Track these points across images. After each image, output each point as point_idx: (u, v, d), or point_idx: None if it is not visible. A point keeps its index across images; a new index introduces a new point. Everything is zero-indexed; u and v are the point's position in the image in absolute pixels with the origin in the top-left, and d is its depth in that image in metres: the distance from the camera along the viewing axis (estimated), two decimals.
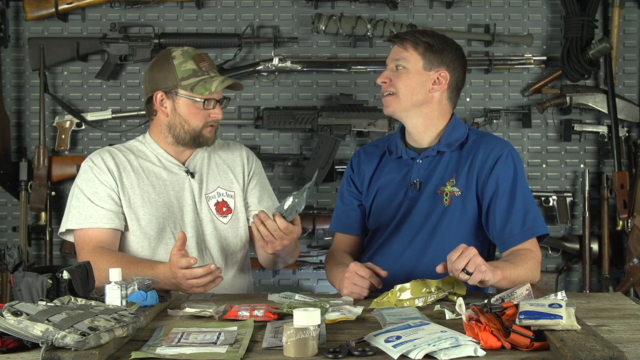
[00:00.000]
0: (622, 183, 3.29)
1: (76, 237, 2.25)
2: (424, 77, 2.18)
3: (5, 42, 3.37)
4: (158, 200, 2.26)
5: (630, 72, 3.46)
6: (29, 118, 3.44)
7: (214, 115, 2.27)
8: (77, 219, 2.22)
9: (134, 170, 2.28)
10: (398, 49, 2.22)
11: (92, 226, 2.20)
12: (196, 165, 2.35)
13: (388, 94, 2.22)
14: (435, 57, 2.18)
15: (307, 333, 1.41)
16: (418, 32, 2.24)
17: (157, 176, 2.29)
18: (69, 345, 1.35)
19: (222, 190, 2.35)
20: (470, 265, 1.80)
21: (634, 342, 1.51)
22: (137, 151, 2.34)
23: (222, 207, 2.33)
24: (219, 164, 2.39)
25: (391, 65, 2.22)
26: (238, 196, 2.37)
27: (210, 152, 2.39)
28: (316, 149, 3.33)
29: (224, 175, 2.37)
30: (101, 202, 2.22)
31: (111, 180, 2.24)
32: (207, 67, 2.27)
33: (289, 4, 3.42)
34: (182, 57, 2.25)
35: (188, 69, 2.23)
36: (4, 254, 3.07)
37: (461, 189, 2.16)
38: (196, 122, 2.26)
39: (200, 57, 2.27)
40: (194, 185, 2.31)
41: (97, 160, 2.28)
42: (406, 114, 2.21)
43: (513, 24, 3.43)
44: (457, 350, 1.40)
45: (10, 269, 1.72)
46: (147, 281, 1.84)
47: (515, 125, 3.44)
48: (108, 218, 2.21)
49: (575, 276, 3.46)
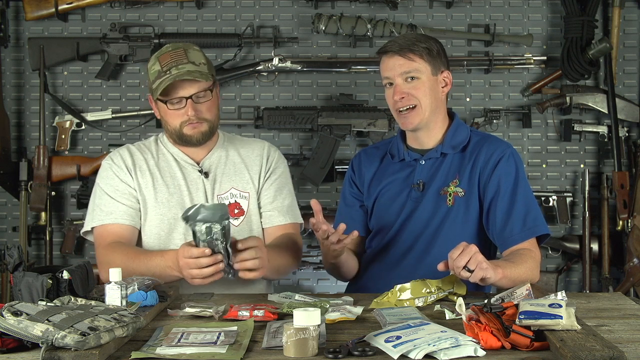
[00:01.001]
0: (622, 183, 3.29)
1: (96, 234, 2.24)
2: (434, 82, 2.19)
3: (5, 42, 3.38)
4: (171, 200, 2.24)
5: (630, 72, 3.46)
6: (29, 118, 3.44)
7: (185, 113, 2.17)
8: (100, 215, 2.22)
9: (150, 169, 2.26)
10: (403, 61, 2.16)
11: (112, 222, 2.20)
12: (212, 164, 2.29)
13: (408, 108, 2.17)
14: (436, 60, 2.19)
15: (307, 333, 1.41)
16: (409, 40, 2.18)
17: (172, 176, 2.27)
18: (69, 345, 1.35)
19: (236, 192, 2.29)
20: (472, 262, 1.80)
21: (634, 342, 1.51)
22: (155, 150, 2.31)
23: (234, 208, 2.27)
24: (236, 162, 2.32)
25: (399, 79, 2.17)
26: (252, 197, 2.30)
27: (228, 150, 2.33)
28: (316, 149, 3.33)
29: (240, 175, 2.31)
30: (122, 199, 2.22)
31: (130, 179, 2.24)
32: (170, 65, 2.16)
33: (289, 4, 3.42)
34: (153, 58, 2.21)
35: (155, 71, 2.18)
36: (4, 254, 3.07)
37: (464, 190, 2.17)
38: (173, 122, 2.20)
39: (166, 55, 2.18)
40: (207, 185, 2.27)
41: (117, 159, 2.27)
42: (426, 124, 2.20)
43: (513, 24, 3.44)
44: (457, 350, 1.40)
45: (10, 269, 1.73)
46: (147, 281, 1.84)
47: (515, 125, 3.44)
48: (128, 215, 2.21)
49: (575, 276, 3.47)
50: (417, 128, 2.20)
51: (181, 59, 2.17)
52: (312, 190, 3.43)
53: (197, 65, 2.18)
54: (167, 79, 2.14)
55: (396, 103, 2.17)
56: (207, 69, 2.20)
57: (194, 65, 2.17)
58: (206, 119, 2.21)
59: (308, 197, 3.41)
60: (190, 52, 2.20)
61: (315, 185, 3.37)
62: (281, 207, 2.29)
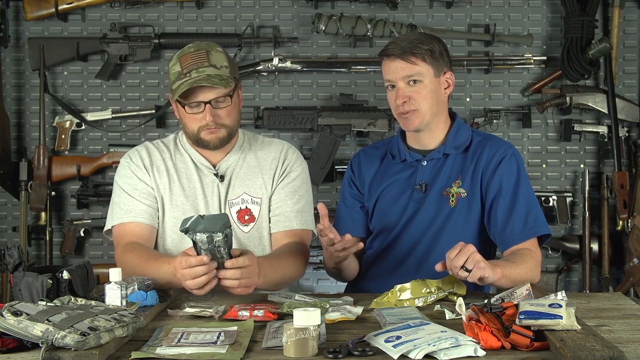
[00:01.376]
0: (622, 183, 3.29)
1: (115, 232, 2.20)
2: (437, 85, 2.17)
3: (5, 42, 3.38)
4: (186, 204, 2.19)
5: (630, 72, 3.46)
6: (29, 118, 3.45)
7: (203, 118, 2.11)
8: (119, 214, 2.18)
9: (167, 170, 2.22)
10: (405, 64, 2.14)
11: (131, 220, 2.16)
12: (228, 168, 2.22)
13: (409, 111, 2.16)
14: (439, 62, 2.16)
15: (307, 333, 1.41)
16: (411, 42, 2.15)
17: (188, 178, 2.21)
18: (69, 345, 1.35)
19: (248, 197, 2.21)
20: (469, 262, 1.80)
21: (634, 342, 1.50)
22: (174, 149, 2.26)
23: (245, 215, 2.20)
24: (252, 166, 2.24)
25: (401, 83, 2.14)
26: (264, 203, 2.22)
27: (246, 153, 2.25)
28: (316, 149, 3.33)
29: (253, 179, 2.23)
30: (141, 197, 2.18)
31: (148, 178, 2.20)
32: (190, 67, 2.09)
33: (289, 4, 3.42)
34: (175, 58, 2.14)
35: (175, 72, 2.12)
36: (4, 254, 3.07)
37: (467, 190, 2.16)
38: (191, 125, 2.14)
39: (186, 57, 2.11)
40: (222, 189, 2.20)
41: (135, 157, 2.23)
42: (428, 126, 2.19)
43: (513, 24, 3.44)
44: (457, 350, 1.40)
45: (10, 269, 1.73)
46: (147, 281, 1.84)
47: (515, 125, 3.45)
48: (148, 214, 2.17)
49: (575, 276, 3.47)
50: (418, 129, 2.20)
51: (202, 62, 2.10)
52: (312, 190, 3.41)
53: (218, 69, 2.10)
54: (186, 83, 2.08)
55: (398, 107, 2.16)
56: (228, 73, 2.12)
57: (215, 68, 2.10)
58: (225, 124, 2.14)
59: None
60: (212, 54, 2.12)
61: (315, 185, 3.37)
62: (289, 212, 2.22)
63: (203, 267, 1.80)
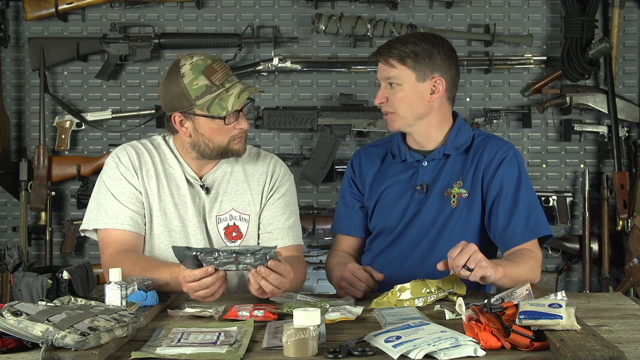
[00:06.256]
0: (622, 183, 3.29)
1: (100, 236, 2.15)
2: (420, 89, 2.13)
3: (5, 42, 3.38)
4: (174, 212, 2.15)
5: (630, 72, 3.46)
6: (29, 118, 3.45)
7: (239, 127, 2.09)
8: (104, 218, 2.12)
9: (157, 175, 2.16)
10: (384, 66, 2.14)
11: (117, 227, 2.10)
12: (214, 181, 2.19)
13: (387, 113, 2.17)
14: (425, 66, 2.11)
15: (307, 333, 1.41)
16: (400, 42, 2.13)
17: (177, 185, 2.17)
18: (69, 345, 1.35)
19: (236, 213, 2.18)
20: (471, 261, 1.80)
21: (634, 342, 1.51)
22: (163, 153, 2.20)
23: (232, 231, 2.17)
24: (239, 180, 2.20)
25: (383, 83, 2.15)
26: (253, 220, 2.19)
27: (233, 166, 2.21)
28: (316, 149, 3.33)
29: (241, 195, 2.19)
30: (128, 203, 2.12)
31: (137, 181, 2.14)
32: (222, 79, 2.05)
33: (289, 4, 3.42)
34: (192, 73, 2.04)
35: (200, 86, 2.03)
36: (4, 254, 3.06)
37: (468, 191, 2.16)
38: (221, 139, 2.09)
39: (211, 69, 2.04)
40: (206, 202, 2.17)
41: (124, 157, 2.16)
42: (411, 128, 2.18)
43: (513, 24, 3.44)
44: (457, 350, 1.40)
45: (10, 269, 1.72)
46: (147, 281, 1.84)
47: (515, 125, 3.45)
48: (134, 221, 2.11)
49: (575, 276, 3.47)
50: (402, 131, 2.21)
51: (228, 72, 2.08)
52: (312, 190, 3.43)
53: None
54: (233, 94, 2.03)
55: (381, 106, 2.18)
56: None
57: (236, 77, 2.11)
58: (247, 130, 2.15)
59: (308, 197, 3.43)
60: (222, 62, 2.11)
61: (315, 185, 3.37)
62: (282, 229, 2.19)
63: (210, 278, 1.79)
